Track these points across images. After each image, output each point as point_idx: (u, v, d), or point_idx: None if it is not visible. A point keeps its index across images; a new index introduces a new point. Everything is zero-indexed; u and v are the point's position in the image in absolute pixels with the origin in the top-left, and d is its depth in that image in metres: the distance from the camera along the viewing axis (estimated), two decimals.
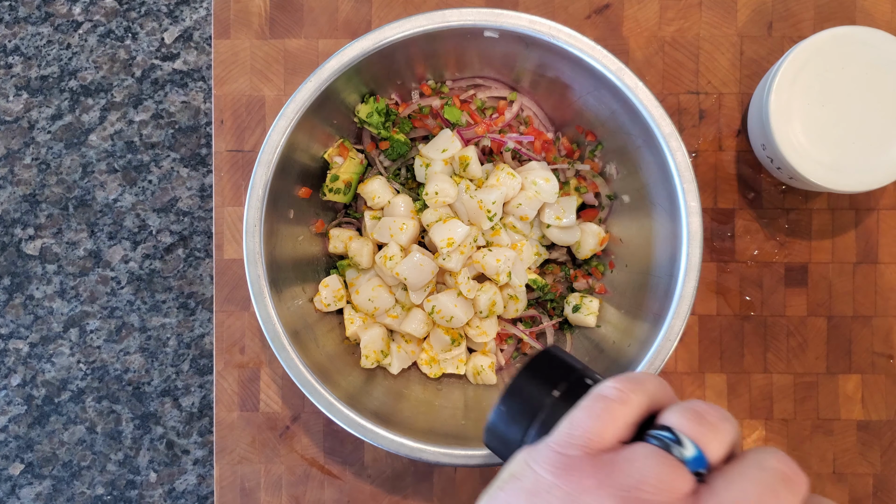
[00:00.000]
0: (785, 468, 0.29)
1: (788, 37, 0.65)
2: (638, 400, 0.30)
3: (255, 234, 0.56)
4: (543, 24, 0.55)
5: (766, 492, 0.28)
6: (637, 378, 0.31)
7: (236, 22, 0.66)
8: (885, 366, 0.65)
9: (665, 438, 0.29)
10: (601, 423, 0.29)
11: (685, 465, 0.28)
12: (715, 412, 0.30)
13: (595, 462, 0.28)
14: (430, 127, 0.63)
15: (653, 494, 0.27)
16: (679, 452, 0.29)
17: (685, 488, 0.28)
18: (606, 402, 0.30)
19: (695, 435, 0.29)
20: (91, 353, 0.79)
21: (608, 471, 0.28)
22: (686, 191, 0.54)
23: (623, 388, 0.30)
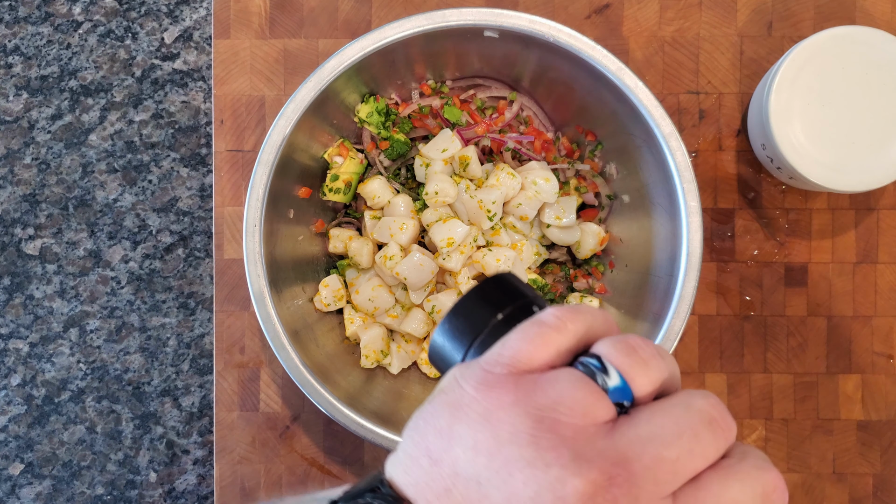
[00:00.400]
0: (712, 411, 0.28)
1: (788, 37, 0.65)
2: (574, 328, 0.30)
3: (255, 234, 0.56)
4: (543, 23, 0.55)
5: (686, 431, 0.27)
6: (579, 309, 0.31)
7: (236, 22, 0.66)
8: (885, 366, 0.65)
9: (591, 366, 0.29)
10: (531, 345, 0.29)
11: (606, 394, 0.28)
12: (649, 348, 0.29)
13: (517, 381, 0.28)
14: (430, 127, 0.63)
15: (567, 416, 0.27)
16: (602, 380, 0.28)
17: (602, 415, 0.28)
18: (541, 326, 0.30)
19: (622, 366, 0.28)
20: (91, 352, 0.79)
21: (528, 390, 0.28)
22: (686, 191, 0.54)
23: (561, 315, 0.30)
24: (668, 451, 0.27)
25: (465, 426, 0.28)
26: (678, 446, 0.27)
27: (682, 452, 0.27)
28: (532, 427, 0.27)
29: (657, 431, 0.27)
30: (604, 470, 0.26)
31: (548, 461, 0.26)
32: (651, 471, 0.26)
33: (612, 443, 0.27)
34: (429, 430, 0.29)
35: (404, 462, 0.29)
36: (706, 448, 0.27)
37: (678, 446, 0.27)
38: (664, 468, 0.26)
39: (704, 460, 0.27)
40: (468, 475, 0.27)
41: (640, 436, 0.27)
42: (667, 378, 0.29)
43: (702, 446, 0.27)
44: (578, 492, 0.26)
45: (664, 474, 0.26)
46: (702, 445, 0.27)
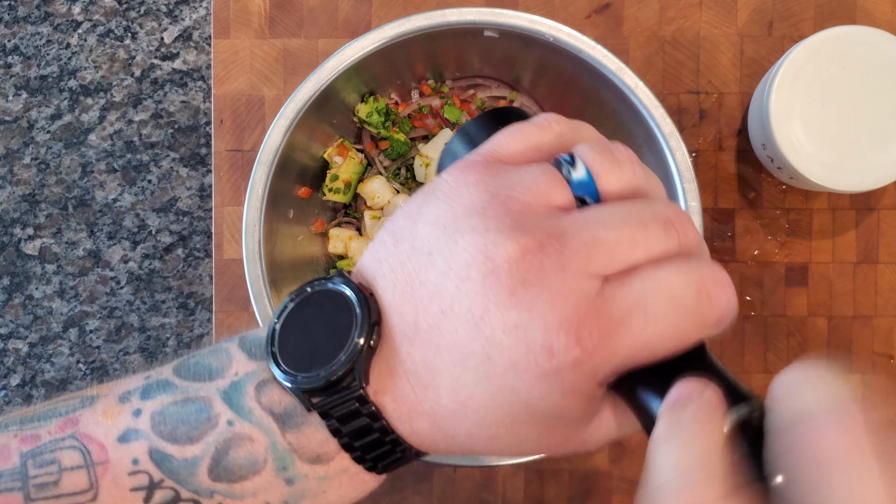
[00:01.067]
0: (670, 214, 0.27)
1: (789, 36, 0.65)
2: (558, 129, 0.30)
3: (255, 234, 0.55)
4: (543, 23, 0.55)
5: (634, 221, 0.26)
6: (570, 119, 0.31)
7: (236, 21, 0.66)
8: (886, 366, 0.65)
9: (562, 159, 0.29)
10: (511, 138, 0.30)
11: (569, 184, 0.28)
12: (626, 152, 0.29)
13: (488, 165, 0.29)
14: (430, 127, 0.63)
15: (521, 194, 0.27)
16: (567, 171, 0.28)
17: (556, 200, 0.28)
18: (526, 124, 0.30)
19: (592, 162, 0.28)
20: (90, 353, 0.78)
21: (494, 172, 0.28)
22: (686, 190, 0.54)
23: (549, 117, 0.30)
24: (607, 232, 0.26)
25: (432, 206, 0.29)
26: (620, 231, 0.26)
27: (622, 238, 0.26)
28: (487, 201, 0.27)
29: (603, 216, 0.27)
30: (537, 238, 0.26)
31: (489, 227, 0.27)
32: (586, 246, 0.26)
33: (556, 220, 0.27)
34: (400, 215, 0.30)
35: (373, 246, 0.30)
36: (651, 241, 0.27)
37: (620, 231, 0.26)
38: (600, 248, 0.26)
39: (646, 253, 0.26)
40: (422, 247, 0.28)
41: (585, 218, 0.27)
42: (640, 185, 0.29)
43: (646, 238, 0.26)
44: (507, 253, 0.26)
45: (598, 253, 0.26)
46: (646, 237, 0.26)
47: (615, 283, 0.26)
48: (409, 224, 0.29)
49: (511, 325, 0.26)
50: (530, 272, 0.26)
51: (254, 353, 0.31)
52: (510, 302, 0.26)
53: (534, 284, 0.26)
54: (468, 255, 0.26)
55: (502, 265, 0.26)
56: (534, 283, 0.26)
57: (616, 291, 0.26)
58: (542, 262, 0.26)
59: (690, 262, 0.27)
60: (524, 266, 0.26)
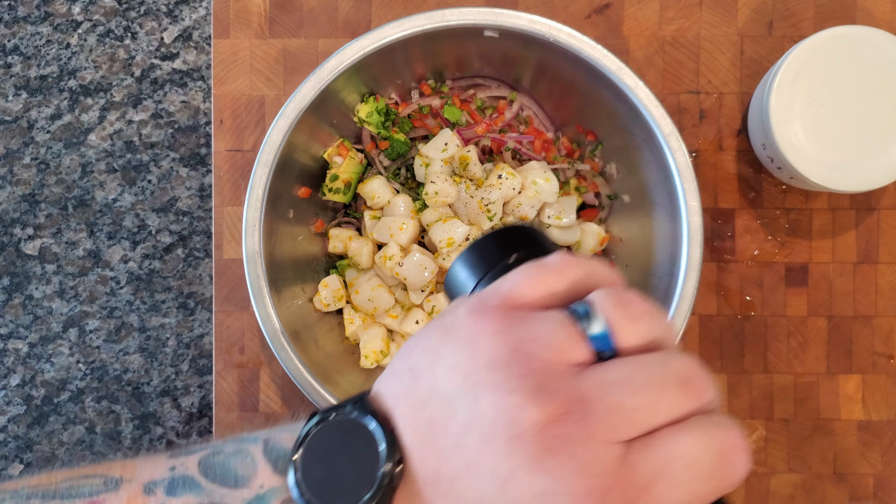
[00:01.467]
0: (687, 372, 0.28)
1: (789, 36, 0.65)
2: (573, 273, 0.30)
3: (255, 233, 0.55)
4: (543, 23, 0.55)
5: (653, 383, 0.27)
6: (584, 259, 0.31)
7: (236, 21, 0.66)
8: (886, 366, 0.65)
9: (579, 311, 0.29)
10: (527, 283, 0.30)
11: (586, 339, 0.28)
12: (641, 305, 0.29)
13: (506, 313, 0.29)
14: (430, 127, 0.63)
15: (541, 351, 0.28)
16: (585, 325, 0.29)
17: (575, 356, 0.28)
18: (541, 267, 0.30)
19: (609, 315, 0.29)
20: (90, 353, 0.78)
21: (513, 322, 0.29)
22: (686, 190, 0.54)
23: (563, 260, 0.31)
24: (629, 398, 0.27)
25: (451, 347, 0.29)
26: (641, 396, 0.27)
27: (644, 403, 0.27)
28: (508, 355, 0.28)
29: (625, 379, 0.27)
30: (562, 404, 0.26)
31: (512, 388, 0.27)
32: (608, 414, 0.26)
33: (578, 382, 0.27)
34: (417, 349, 0.30)
35: (389, 376, 0.31)
36: (671, 404, 0.27)
37: (641, 396, 0.27)
38: (622, 414, 0.27)
39: (667, 416, 0.27)
40: (443, 392, 0.28)
41: (607, 380, 0.27)
42: (656, 338, 0.29)
43: (666, 402, 0.27)
44: (533, 420, 0.26)
45: (621, 420, 0.27)
46: (667, 401, 0.27)
47: (638, 447, 0.27)
48: (428, 362, 0.29)
49: (538, 490, 0.26)
50: (557, 439, 0.26)
51: (278, 465, 0.31)
52: (536, 468, 0.26)
53: (560, 453, 0.26)
54: (492, 415, 0.27)
55: (528, 431, 0.26)
56: (560, 451, 0.26)
57: (639, 458, 0.27)
58: (568, 430, 0.26)
59: (710, 427, 0.27)
60: (550, 433, 0.26)
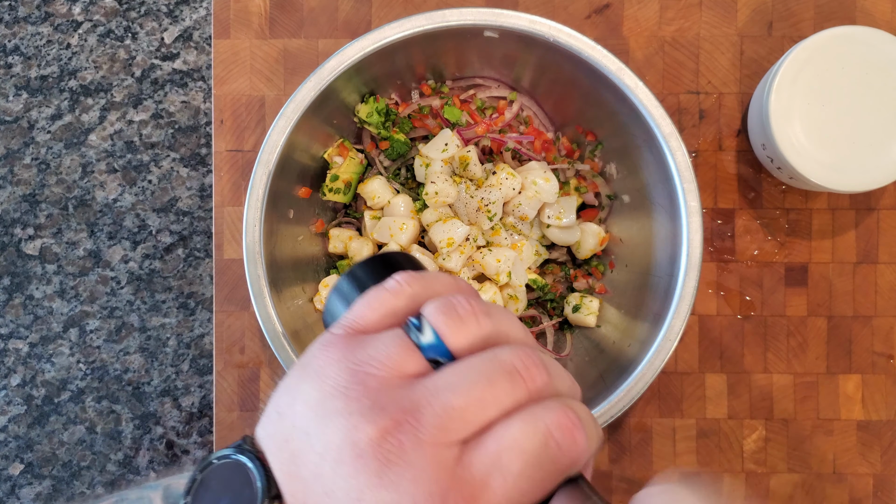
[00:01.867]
0: (515, 361, 0.29)
1: (788, 36, 0.65)
2: (410, 291, 0.32)
3: (255, 234, 0.56)
4: (543, 23, 0.55)
5: (480, 380, 0.28)
6: (422, 275, 0.32)
7: (236, 22, 0.66)
8: (886, 366, 0.65)
9: (411, 324, 0.30)
10: (368, 308, 0.31)
11: (419, 350, 0.30)
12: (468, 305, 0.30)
13: (349, 340, 0.30)
14: (430, 127, 0.63)
15: (376, 369, 0.29)
16: (416, 337, 0.30)
17: (409, 368, 0.29)
18: (380, 291, 0.32)
19: (437, 323, 0.30)
20: (91, 353, 0.79)
21: (354, 347, 0.30)
22: (686, 191, 0.54)
23: (401, 280, 0.32)
24: (456, 399, 0.28)
25: (305, 383, 0.30)
26: (467, 395, 0.28)
27: (470, 401, 0.28)
28: (347, 380, 0.29)
29: (452, 381, 0.28)
30: (394, 417, 0.27)
31: (351, 410, 0.28)
32: (439, 418, 0.27)
33: (410, 392, 0.28)
34: (282, 388, 0.31)
35: (263, 419, 0.32)
36: (499, 397, 0.28)
37: (467, 395, 0.28)
38: (452, 416, 0.27)
39: (497, 409, 0.28)
40: (301, 426, 0.29)
41: (436, 385, 0.28)
42: (490, 335, 0.30)
43: (494, 395, 0.28)
44: (369, 437, 0.27)
45: (452, 422, 0.27)
46: (495, 394, 0.28)
47: (472, 445, 0.28)
48: (289, 400, 0.30)
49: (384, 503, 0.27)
50: (392, 452, 0.27)
51: None
52: (379, 483, 0.27)
53: (397, 463, 0.27)
54: (338, 440, 0.28)
55: (367, 449, 0.27)
56: (397, 461, 0.27)
57: (473, 456, 0.28)
58: (401, 441, 0.27)
59: (537, 411, 0.28)
60: (386, 447, 0.27)
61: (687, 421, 0.65)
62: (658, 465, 0.65)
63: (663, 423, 0.65)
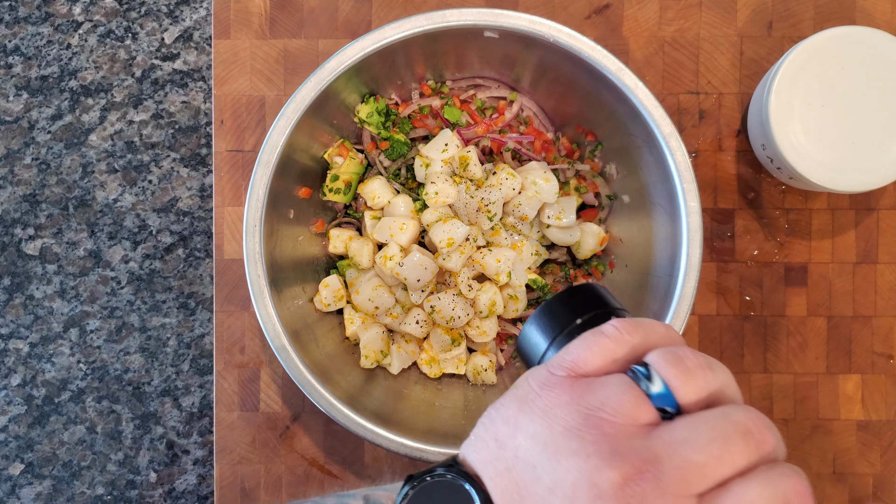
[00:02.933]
0: (749, 423, 0.30)
1: (788, 37, 0.65)
2: (630, 339, 0.33)
3: (255, 234, 0.56)
4: (543, 24, 0.55)
5: (718, 438, 0.29)
6: (641, 323, 0.34)
7: (236, 22, 0.66)
8: (885, 366, 0.65)
9: (639, 373, 0.32)
10: (589, 352, 0.33)
11: (649, 399, 0.31)
12: (696, 359, 0.31)
13: (574, 383, 0.32)
14: (430, 127, 0.63)
15: (610, 416, 0.30)
16: (646, 386, 0.31)
17: (643, 417, 0.30)
18: (600, 336, 0.33)
19: (666, 374, 0.31)
20: (91, 353, 0.79)
21: (582, 391, 0.31)
22: (686, 191, 0.54)
23: (621, 327, 0.33)
24: (697, 455, 0.29)
25: (528, 418, 0.32)
26: (707, 452, 0.29)
27: (710, 458, 0.29)
28: (581, 423, 0.31)
29: (691, 436, 0.29)
30: (636, 465, 0.29)
31: (589, 453, 0.30)
32: (679, 471, 0.29)
33: (648, 443, 0.30)
34: (498, 418, 0.33)
35: (475, 444, 0.34)
36: (735, 456, 0.29)
37: (707, 452, 0.29)
38: (692, 470, 0.29)
39: (733, 467, 0.29)
40: (526, 459, 0.31)
41: (674, 439, 0.30)
42: (716, 390, 0.32)
43: (731, 454, 0.29)
44: (611, 481, 0.29)
45: (691, 476, 0.29)
46: (731, 453, 0.29)
47: (709, 499, 0.29)
48: (510, 431, 0.32)
49: None
50: (633, 497, 0.29)
51: None
52: None
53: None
54: (573, 479, 0.30)
55: (607, 491, 0.29)
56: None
57: None
58: (643, 489, 0.29)
59: (774, 476, 0.30)
60: (628, 492, 0.29)
61: None
62: None
63: None
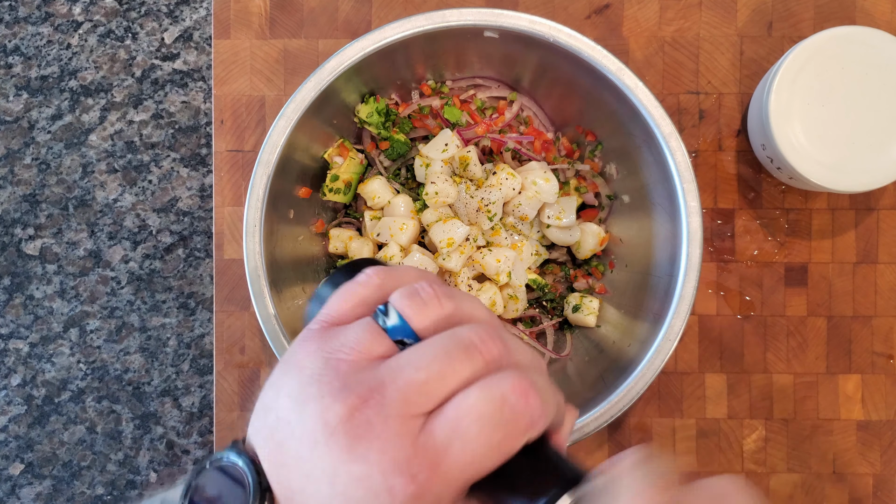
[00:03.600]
0: (473, 336, 0.31)
1: (788, 37, 0.65)
2: (378, 281, 0.34)
3: (255, 234, 0.56)
4: (543, 24, 0.55)
5: (439, 356, 0.30)
6: (389, 267, 0.35)
7: (236, 22, 0.66)
8: (885, 366, 0.65)
9: (378, 310, 0.33)
10: (341, 301, 0.34)
11: (386, 332, 0.32)
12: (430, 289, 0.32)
13: (324, 332, 0.33)
14: (430, 127, 0.63)
15: (346, 354, 0.31)
16: (383, 321, 0.32)
17: (378, 351, 0.31)
18: (351, 284, 0.34)
19: (401, 307, 0.32)
20: (91, 353, 0.79)
21: (328, 337, 0.32)
22: (686, 191, 0.54)
23: (371, 272, 0.34)
24: (417, 373, 0.30)
25: (287, 377, 0.32)
26: (428, 369, 0.30)
27: (431, 374, 0.30)
28: (321, 367, 0.31)
29: (414, 358, 0.30)
30: (360, 394, 0.30)
31: (323, 393, 0.30)
32: (402, 392, 0.29)
33: (376, 372, 0.30)
34: (267, 385, 0.33)
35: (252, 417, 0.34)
36: (457, 370, 0.30)
37: (428, 369, 0.30)
38: (414, 389, 0.29)
39: (456, 381, 0.30)
40: (284, 417, 0.31)
41: (399, 363, 0.30)
42: (451, 315, 0.32)
43: (453, 368, 0.30)
44: (338, 415, 0.29)
45: (414, 395, 0.29)
46: (453, 367, 0.30)
47: (435, 415, 0.30)
48: (274, 395, 0.32)
49: (356, 477, 0.29)
50: (360, 427, 0.29)
51: None
52: (350, 457, 0.29)
53: (365, 437, 0.29)
54: (312, 423, 0.30)
55: (337, 426, 0.29)
56: (365, 435, 0.29)
57: (434, 424, 0.30)
58: (368, 416, 0.29)
59: (493, 380, 0.30)
60: (354, 423, 0.29)
61: (687, 421, 0.65)
62: None
63: (663, 422, 0.65)
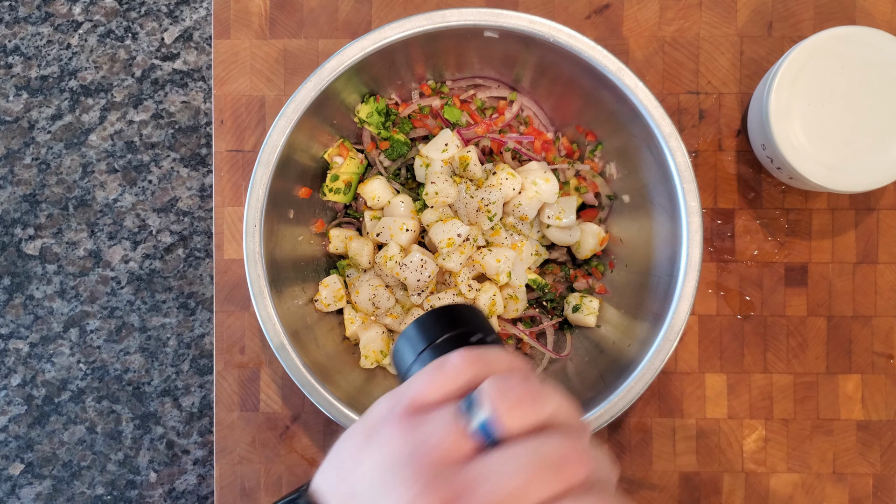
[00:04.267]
0: (560, 455, 0.31)
1: (788, 37, 0.65)
2: (471, 373, 0.34)
3: (255, 234, 0.56)
4: (543, 24, 0.55)
5: (525, 469, 0.31)
6: (483, 353, 0.35)
7: (236, 22, 0.66)
8: (885, 366, 0.65)
9: (467, 404, 0.33)
10: (429, 386, 0.34)
11: (470, 432, 0.32)
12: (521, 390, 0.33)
13: (411, 417, 0.34)
14: (430, 127, 0.63)
15: (435, 448, 0.32)
16: (472, 415, 0.33)
17: (461, 451, 0.32)
18: (441, 371, 0.35)
19: (492, 404, 0.32)
20: (91, 353, 0.79)
21: (414, 425, 0.33)
22: (686, 191, 0.54)
23: (460, 360, 0.35)
24: (507, 482, 0.30)
25: (368, 452, 0.34)
26: (517, 479, 0.31)
27: (519, 485, 0.30)
28: (407, 458, 0.32)
29: (500, 467, 0.31)
30: (449, 493, 0.31)
31: (410, 485, 0.31)
32: (490, 497, 0.30)
33: (461, 475, 0.31)
34: (344, 450, 0.35)
35: (323, 472, 0.36)
36: (541, 487, 0.31)
37: (517, 479, 0.31)
38: (499, 498, 0.30)
39: (538, 497, 0.31)
40: (361, 493, 0.33)
41: (488, 470, 0.31)
42: (540, 420, 0.33)
43: (537, 485, 0.31)
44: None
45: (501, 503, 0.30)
46: (537, 484, 0.31)
47: None
48: (352, 466, 0.34)
49: None
50: None
51: None
52: None
53: None
54: None
55: None
56: None
57: None
58: None
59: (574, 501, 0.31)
60: None
61: (687, 421, 0.65)
62: (658, 464, 0.65)
63: (663, 422, 0.65)
